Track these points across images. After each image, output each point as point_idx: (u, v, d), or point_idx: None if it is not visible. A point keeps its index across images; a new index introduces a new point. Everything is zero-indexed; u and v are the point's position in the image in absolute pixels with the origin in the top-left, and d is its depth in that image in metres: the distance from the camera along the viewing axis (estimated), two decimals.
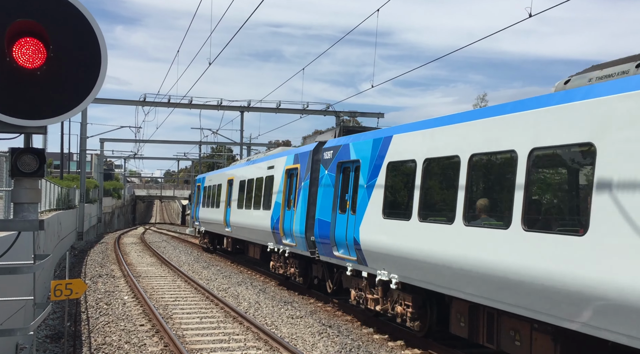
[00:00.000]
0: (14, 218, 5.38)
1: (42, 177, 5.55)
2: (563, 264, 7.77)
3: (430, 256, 10.57)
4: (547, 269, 7.98)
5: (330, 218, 14.81)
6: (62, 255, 26.44)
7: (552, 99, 8.57)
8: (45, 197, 22.77)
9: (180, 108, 43.51)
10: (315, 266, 17.47)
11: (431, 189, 11.13)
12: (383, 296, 12.93)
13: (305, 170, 17.12)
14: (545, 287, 8.02)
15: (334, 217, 14.70)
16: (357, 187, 13.64)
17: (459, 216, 9.88)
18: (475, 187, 9.94)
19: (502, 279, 8.77)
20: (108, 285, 20.61)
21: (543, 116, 8.48)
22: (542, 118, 8.51)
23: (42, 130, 5.33)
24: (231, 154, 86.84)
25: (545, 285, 8.01)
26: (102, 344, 12.19)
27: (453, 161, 10.19)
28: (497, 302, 9.07)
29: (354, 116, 45.52)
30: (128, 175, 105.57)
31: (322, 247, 15.46)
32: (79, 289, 10.79)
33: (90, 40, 5.30)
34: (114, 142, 67.50)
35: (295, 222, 17.29)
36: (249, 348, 11.89)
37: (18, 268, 6.35)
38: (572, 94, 8.24)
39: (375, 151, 12.98)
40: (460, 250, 9.77)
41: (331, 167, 15.17)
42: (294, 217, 17.47)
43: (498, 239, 9.01)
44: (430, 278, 10.80)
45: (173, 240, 46.87)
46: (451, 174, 10.28)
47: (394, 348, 12.15)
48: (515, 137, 8.88)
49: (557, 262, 7.87)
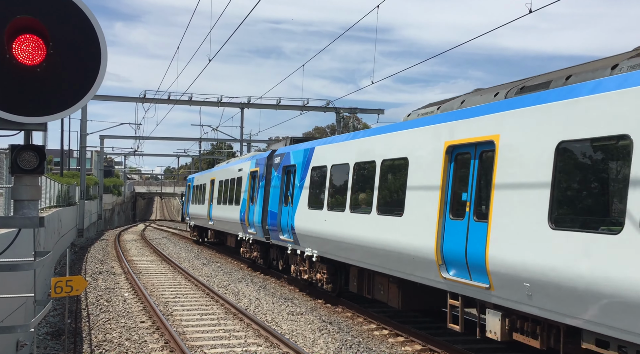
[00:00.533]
0: (14, 215, 5.38)
1: (42, 174, 5.55)
2: (392, 235, 11.84)
3: (334, 235, 14.62)
4: (392, 240, 11.82)
5: (277, 210, 18.75)
6: (63, 252, 26.45)
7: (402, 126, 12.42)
8: (46, 194, 22.75)
9: (180, 105, 43.48)
10: (272, 249, 21.30)
11: (334, 187, 15.12)
12: (309, 267, 17.03)
13: (263, 172, 21.03)
14: (390, 252, 11.93)
15: (280, 209, 18.62)
16: (294, 185, 17.61)
17: (347, 206, 14.08)
18: (357, 186, 13.88)
19: (372, 249, 12.71)
20: (108, 282, 20.62)
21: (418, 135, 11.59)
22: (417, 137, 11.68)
23: (42, 127, 5.32)
24: (231, 150, 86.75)
25: (390, 250, 11.91)
26: (103, 341, 12.20)
27: (345, 166, 14.55)
28: (371, 265, 13.09)
29: (354, 112, 45.52)
30: (128, 172, 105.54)
31: (273, 234, 19.46)
32: (79, 286, 10.79)
33: (90, 37, 5.29)
34: (114, 139, 67.49)
35: (255, 214, 21.25)
36: (249, 344, 11.90)
37: (18, 265, 6.35)
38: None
39: (305, 158, 17.11)
40: (349, 230, 13.80)
41: (279, 170, 19.20)
42: (255, 210, 21.48)
43: (365, 221, 13.06)
44: (336, 252, 14.81)
45: (173, 237, 46.88)
46: (345, 176, 14.45)
47: (394, 344, 12.16)
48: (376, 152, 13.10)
49: (391, 233, 11.87)
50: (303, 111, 43.72)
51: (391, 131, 12.63)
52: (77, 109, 5.41)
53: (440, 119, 10.93)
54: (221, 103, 43.96)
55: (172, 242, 39.97)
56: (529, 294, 8.35)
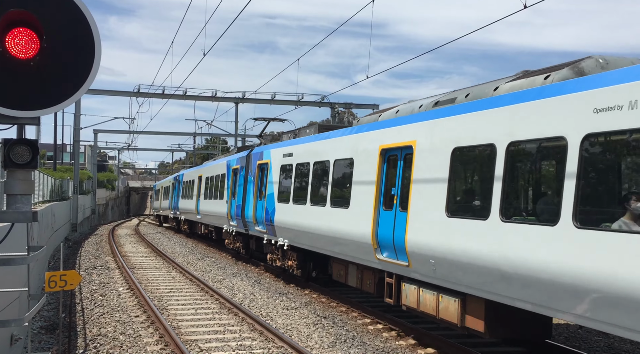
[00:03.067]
0: (7, 210, 5.35)
1: (35, 169, 5.52)
2: (341, 224, 13.65)
3: (300, 226, 16.27)
4: (341, 228, 13.67)
5: (253, 204, 20.54)
6: (56, 246, 26.37)
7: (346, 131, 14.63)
8: (39, 188, 22.66)
9: (175, 99, 43.33)
10: (251, 240, 23.00)
11: (298, 182, 16.78)
12: (282, 255, 18.64)
13: (242, 169, 22.58)
14: (339, 239, 13.81)
15: (255, 203, 20.43)
16: (267, 181, 19.39)
17: (308, 199, 15.85)
18: (315, 182, 15.64)
19: (328, 237, 14.52)
20: (103, 276, 20.59)
21: (361, 139, 13.47)
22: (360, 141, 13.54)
23: (35, 121, 5.29)
24: (226, 145, 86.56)
25: (339, 238, 13.79)
26: (97, 335, 12.19)
27: (307, 164, 16.20)
28: (329, 251, 14.96)
29: (349, 107, 45.40)
30: (122, 166, 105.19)
31: (251, 225, 21.15)
32: (73, 280, 10.77)
33: (84, 31, 5.25)
34: (108, 133, 67.11)
35: (236, 208, 22.88)
36: (244, 339, 11.91)
37: (12, 260, 6.33)
38: None
39: (276, 157, 18.69)
40: (310, 221, 15.50)
41: (255, 168, 20.96)
42: (235, 204, 23.12)
43: (322, 213, 14.85)
44: (302, 240, 16.48)
45: (167, 231, 46.82)
46: (306, 173, 16.18)
47: (388, 339, 12.20)
48: (329, 153, 15.01)
49: (341, 223, 13.69)
50: (298, 105, 43.67)
51: (342, 135, 14.65)
52: (71, 103, 5.38)
53: (377, 126, 12.99)
54: (215, 98, 43.87)
55: (166, 237, 39.93)
56: (434, 269, 10.36)
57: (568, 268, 7.56)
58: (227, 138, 76.39)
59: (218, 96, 43.88)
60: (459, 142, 9.92)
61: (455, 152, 10.01)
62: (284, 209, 17.54)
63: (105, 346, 11.33)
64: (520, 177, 9.21)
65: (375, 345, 11.65)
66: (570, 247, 7.57)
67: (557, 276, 7.73)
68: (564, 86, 8.18)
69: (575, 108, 7.76)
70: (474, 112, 9.76)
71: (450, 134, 10.19)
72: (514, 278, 8.49)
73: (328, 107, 44.89)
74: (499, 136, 9.00)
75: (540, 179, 8.99)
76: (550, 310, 8.14)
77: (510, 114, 8.91)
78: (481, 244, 9.12)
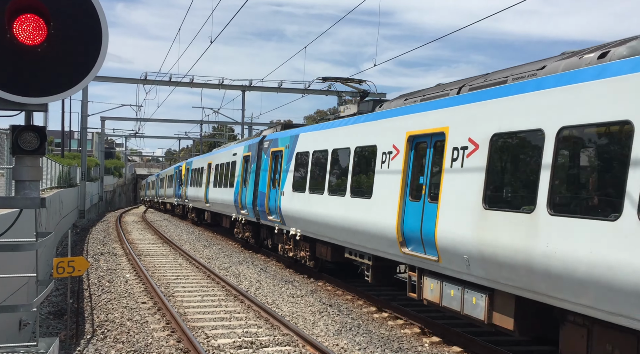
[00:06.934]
0: (15, 196, 5.38)
1: (43, 155, 5.54)
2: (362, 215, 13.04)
3: (315, 216, 15.73)
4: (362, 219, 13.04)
5: (266, 192, 19.92)
6: (64, 233, 26.53)
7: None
8: (47, 175, 22.77)
9: (182, 87, 43.32)
10: (262, 229, 22.67)
11: (315, 171, 16.23)
12: (294, 246, 18.31)
13: (254, 157, 22.25)
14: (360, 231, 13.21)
15: (268, 191, 19.80)
16: (281, 169, 18.71)
17: (326, 188, 15.20)
18: (334, 170, 15.05)
19: (346, 228, 13.98)
20: (110, 263, 20.72)
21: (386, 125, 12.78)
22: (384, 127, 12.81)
23: (43, 107, 5.30)
24: (232, 133, 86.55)
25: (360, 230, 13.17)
26: (105, 321, 12.28)
27: (325, 152, 15.66)
28: (345, 243, 14.56)
29: (356, 95, 45.25)
30: (129, 154, 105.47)
31: (262, 214, 20.60)
32: (81, 266, 10.85)
33: (91, 18, 5.24)
34: (115, 120, 67.28)
35: (247, 196, 22.43)
36: (250, 326, 11.97)
37: (20, 245, 6.37)
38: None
39: (291, 144, 18.21)
40: (327, 211, 15.01)
41: (268, 155, 20.37)
42: (246, 193, 22.67)
43: (341, 203, 14.23)
44: (315, 230, 16.05)
45: (174, 219, 46.99)
46: (324, 161, 15.58)
47: (394, 327, 12.24)
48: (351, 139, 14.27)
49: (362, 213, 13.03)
50: (304, 94, 43.56)
51: (364, 121, 13.83)
52: (78, 90, 5.38)
53: (403, 112, 12.18)
54: (222, 86, 43.80)
55: (173, 225, 40.07)
56: (467, 265, 9.65)
57: (632, 268, 6.81)
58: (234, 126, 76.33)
59: (225, 84, 43.82)
60: (500, 127, 9.13)
61: (494, 139, 9.26)
62: (299, 199, 16.89)
63: (112, 332, 11.42)
64: (574, 166, 8.27)
65: (380, 333, 11.69)
66: (636, 246, 6.75)
67: (618, 277, 6.95)
68: (634, 63, 7.24)
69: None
70: (518, 94, 8.96)
71: (489, 118, 9.41)
72: (564, 277, 7.74)
73: (335, 96, 44.75)
74: (548, 120, 8.19)
75: (598, 169, 7.88)
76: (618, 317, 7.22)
77: (562, 96, 8.09)
78: (524, 240, 8.31)
